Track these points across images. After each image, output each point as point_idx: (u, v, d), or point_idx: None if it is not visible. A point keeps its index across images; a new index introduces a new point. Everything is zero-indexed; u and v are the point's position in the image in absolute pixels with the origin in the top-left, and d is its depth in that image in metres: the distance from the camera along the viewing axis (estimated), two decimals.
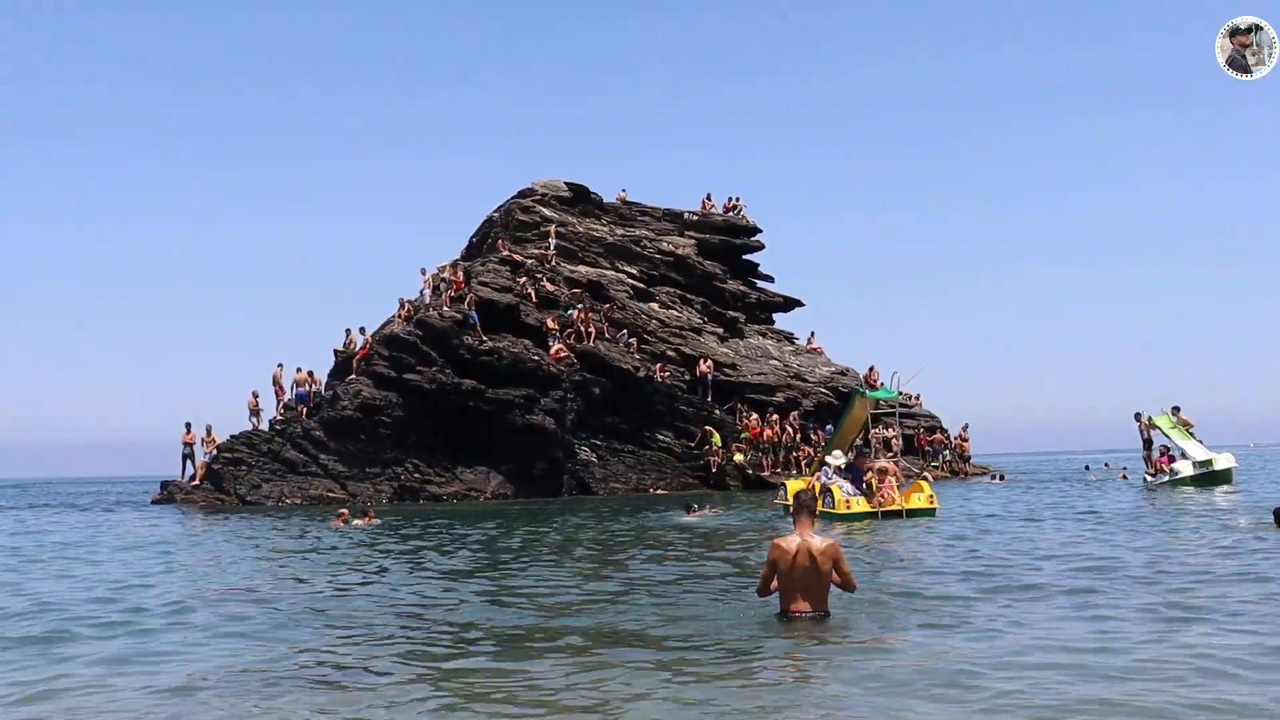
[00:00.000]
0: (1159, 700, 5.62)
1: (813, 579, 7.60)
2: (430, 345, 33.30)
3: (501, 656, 7.26)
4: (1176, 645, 7.03)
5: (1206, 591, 9.21)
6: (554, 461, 33.30)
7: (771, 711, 5.63)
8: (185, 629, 8.79)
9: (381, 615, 9.21)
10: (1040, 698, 5.72)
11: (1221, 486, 27.14)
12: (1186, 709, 5.45)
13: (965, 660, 6.67)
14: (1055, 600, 9.04)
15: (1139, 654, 6.77)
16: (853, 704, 5.73)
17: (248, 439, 33.12)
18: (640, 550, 14.72)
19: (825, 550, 7.60)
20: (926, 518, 19.00)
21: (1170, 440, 30.32)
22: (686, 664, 6.79)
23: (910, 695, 5.86)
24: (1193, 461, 28.85)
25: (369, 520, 20.63)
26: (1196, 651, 6.78)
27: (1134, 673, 6.27)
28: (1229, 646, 6.90)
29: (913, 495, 19.80)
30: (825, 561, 7.59)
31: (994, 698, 5.75)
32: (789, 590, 7.68)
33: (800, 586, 7.61)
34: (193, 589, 11.39)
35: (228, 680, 6.71)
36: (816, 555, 7.56)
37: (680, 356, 37.50)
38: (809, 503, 7.89)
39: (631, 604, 9.32)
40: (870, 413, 24.13)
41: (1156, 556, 12.10)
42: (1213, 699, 5.61)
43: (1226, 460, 28.94)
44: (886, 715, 5.52)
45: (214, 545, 17.38)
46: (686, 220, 43.70)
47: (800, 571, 7.57)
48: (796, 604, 7.64)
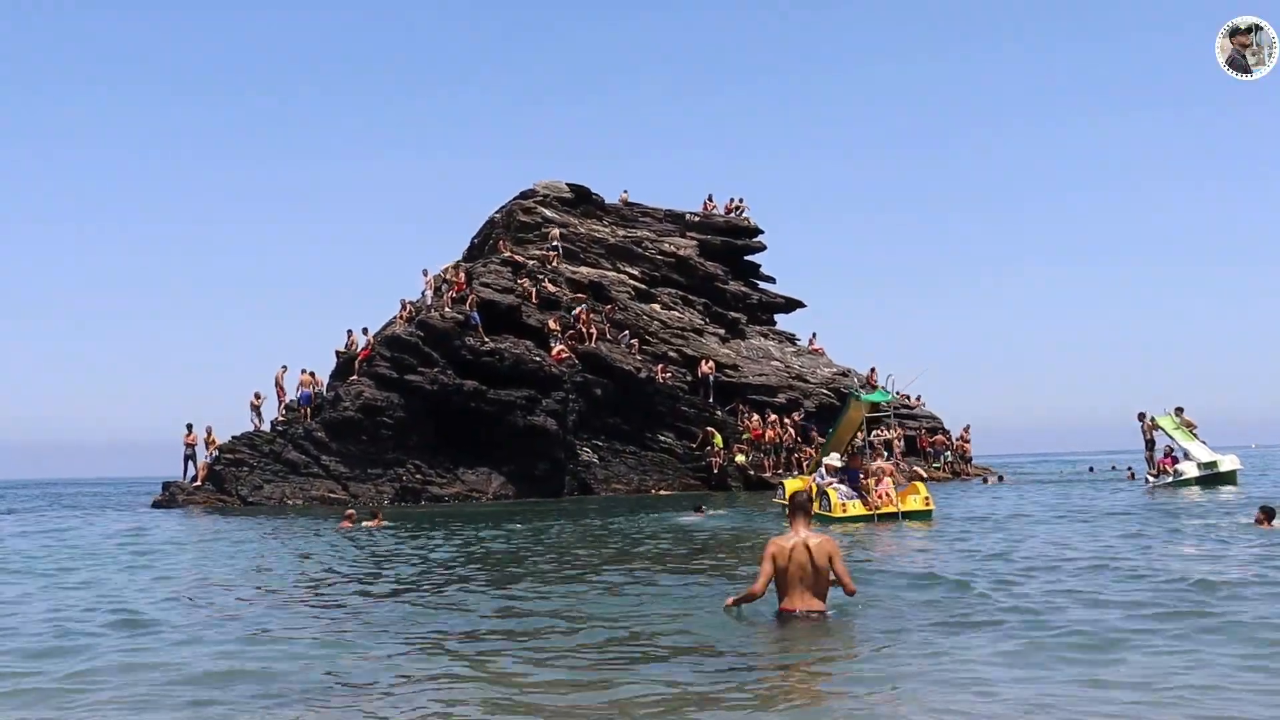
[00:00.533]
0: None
1: (810, 576, 7.65)
2: (432, 346, 33.33)
3: (524, 660, 7.26)
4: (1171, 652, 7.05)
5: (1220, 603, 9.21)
6: (555, 462, 33.31)
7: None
8: (208, 631, 8.75)
9: (416, 618, 9.18)
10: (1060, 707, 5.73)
11: (1226, 488, 26.95)
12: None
13: (975, 662, 6.69)
14: (1051, 603, 9.05)
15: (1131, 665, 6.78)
16: (856, 707, 5.75)
17: (249, 440, 33.17)
18: (671, 551, 14.71)
19: (821, 546, 7.68)
20: (922, 519, 18.97)
21: (1174, 441, 30.10)
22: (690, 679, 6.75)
23: (912, 700, 5.87)
24: (1197, 463, 28.64)
25: (378, 523, 20.33)
26: (1196, 658, 6.80)
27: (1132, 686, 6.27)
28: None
29: (908, 497, 19.70)
30: (822, 558, 7.65)
31: (1010, 704, 5.76)
32: (786, 587, 7.73)
33: (797, 583, 7.66)
34: (218, 593, 11.36)
35: (255, 685, 6.68)
36: (813, 552, 7.64)
37: (682, 357, 37.52)
38: (804, 503, 8.00)
39: (658, 609, 9.22)
40: (866, 415, 24.07)
41: (1115, 555, 12.11)
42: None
43: (1231, 462, 28.74)
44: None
45: (227, 548, 17.17)
46: (688, 221, 43.73)
47: (797, 568, 7.63)
48: (793, 601, 7.69)
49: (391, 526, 20.26)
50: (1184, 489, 27.24)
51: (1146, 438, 31.68)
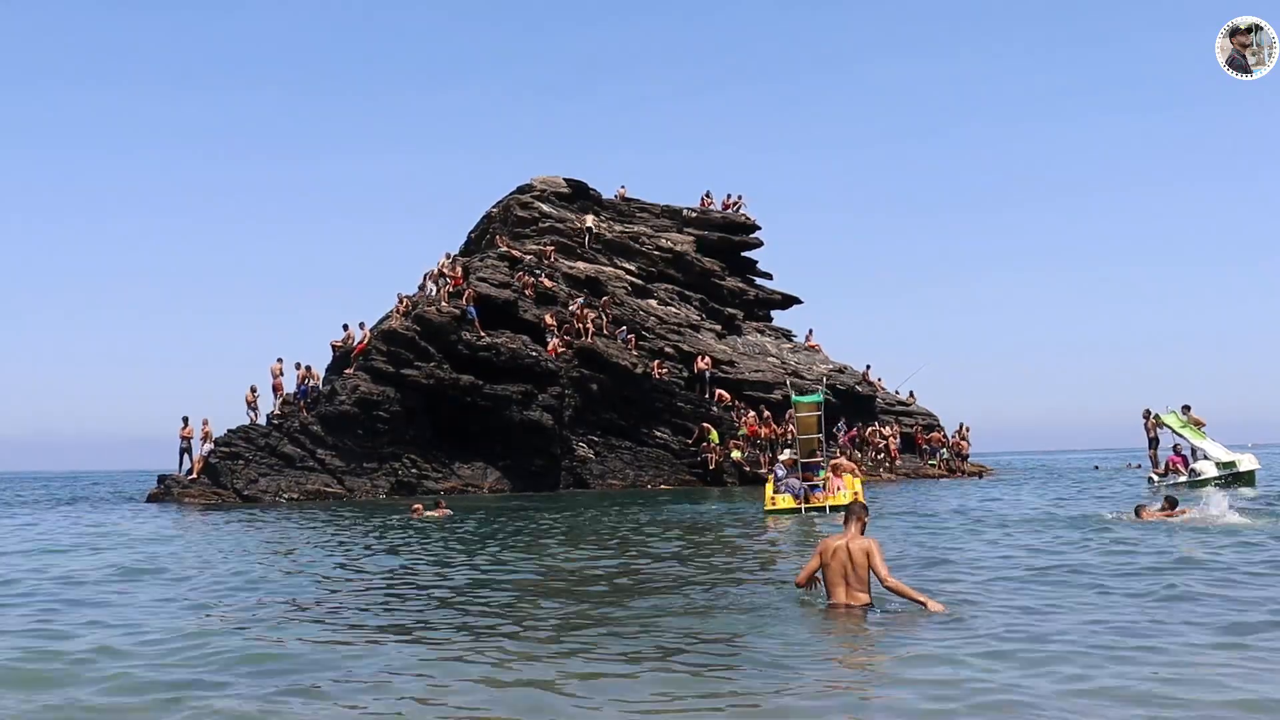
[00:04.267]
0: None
1: (850, 573, 8.42)
2: (428, 340, 33.30)
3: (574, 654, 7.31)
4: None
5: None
6: (551, 457, 33.31)
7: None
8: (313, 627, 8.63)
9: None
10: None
11: (1245, 489, 25.48)
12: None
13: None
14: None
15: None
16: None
17: (245, 433, 33.08)
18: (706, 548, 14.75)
19: (861, 546, 8.45)
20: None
21: (1184, 439, 28.77)
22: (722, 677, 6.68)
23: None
24: (1216, 462, 27.25)
25: (441, 511, 21.54)
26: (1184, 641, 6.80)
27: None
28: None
29: (840, 493, 20.89)
30: (860, 556, 8.39)
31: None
32: (830, 582, 8.52)
33: (840, 579, 8.44)
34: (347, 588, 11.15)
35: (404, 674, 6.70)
36: (853, 552, 8.43)
37: (678, 353, 37.52)
38: (859, 510, 8.89)
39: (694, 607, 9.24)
40: (819, 414, 24.08)
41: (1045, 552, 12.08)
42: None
43: (1250, 461, 27.43)
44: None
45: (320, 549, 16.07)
46: (685, 217, 43.72)
47: (839, 566, 8.45)
48: (837, 595, 8.45)
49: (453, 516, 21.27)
50: (1199, 489, 25.51)
51: (1150, 435, 30.90)
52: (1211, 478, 26.81)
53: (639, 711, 5.71)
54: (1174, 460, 29.01)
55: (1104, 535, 14.32)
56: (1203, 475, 27.04)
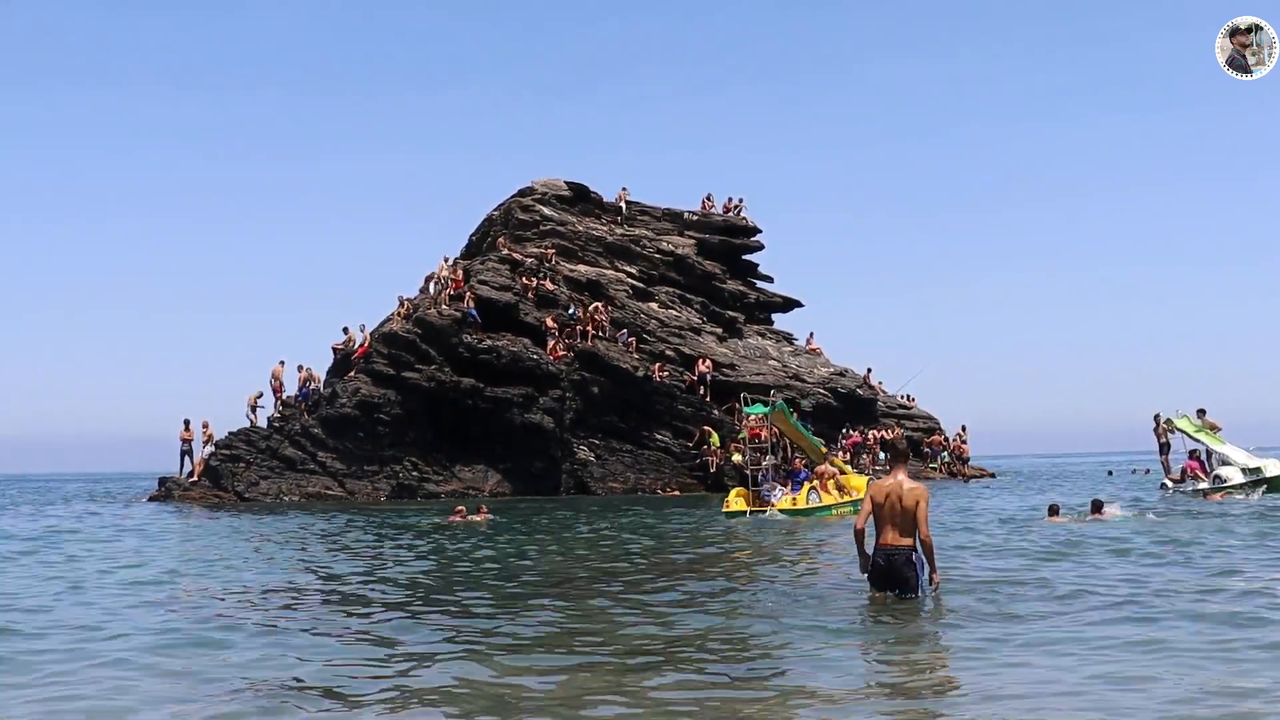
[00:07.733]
0: None
1: (899, 515, 8.67)
2: (429, 343, 33.32)
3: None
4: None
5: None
6: (552, 460, 33.31)
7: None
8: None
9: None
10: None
11: (1272, 495, 24.23)
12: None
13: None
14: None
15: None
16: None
17: (246, 436, 33.13)
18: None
19: (913, 491, 8.69)
20: (805, 516, 21.10)
21: (1200, 444, 27.45)
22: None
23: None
24: (1241, 468, 25.95)
25: (483, 515, 21.49)
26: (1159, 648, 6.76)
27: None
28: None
29: (806, 496, 21.97)
30: (910, 501, 8.62)
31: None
32: (882, 524, 8.76)
33: (892, 521, 8.70)
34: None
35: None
36: (904, 494, 8.67)
37: (679, 356, 37.50)
38: (904, 450, 9.39)
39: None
40: (794, 424, 24.96)
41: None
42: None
43: (1276, 466, 25.90)
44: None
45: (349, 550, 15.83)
46: (686, 220, 43.70)
47: (890, 507, 8.70)
48: (886, 536, 8.74)
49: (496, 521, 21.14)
50: (1229, 495, 24.60)
51: (1161, 440, 29.83)
52: (1239, 484, 25.39)
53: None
54: (1191, 466, 27.58)
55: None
56: (1229, 481, 25.61)
